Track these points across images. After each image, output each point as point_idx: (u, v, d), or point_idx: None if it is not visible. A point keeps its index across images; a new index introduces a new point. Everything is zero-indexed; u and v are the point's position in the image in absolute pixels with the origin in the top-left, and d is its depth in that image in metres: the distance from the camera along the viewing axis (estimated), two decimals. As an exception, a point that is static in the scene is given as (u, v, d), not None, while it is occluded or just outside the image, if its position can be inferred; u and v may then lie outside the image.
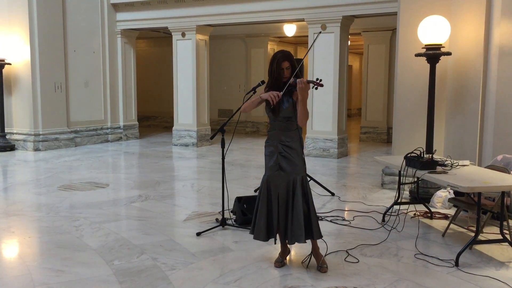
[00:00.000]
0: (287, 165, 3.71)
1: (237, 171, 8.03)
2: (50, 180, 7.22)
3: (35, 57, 9.88)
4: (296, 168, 3.72)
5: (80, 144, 10.91)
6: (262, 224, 3.79)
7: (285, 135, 3.73)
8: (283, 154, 3.72)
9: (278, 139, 3.74)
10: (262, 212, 3.79)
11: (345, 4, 8.87)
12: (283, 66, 3.64)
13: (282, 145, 3.72)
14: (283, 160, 3.72)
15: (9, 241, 4.52)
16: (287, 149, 3.72)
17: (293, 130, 3.74)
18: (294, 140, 3.74)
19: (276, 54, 3.70)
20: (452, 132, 6.18)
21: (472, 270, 3.79)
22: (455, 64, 6.03)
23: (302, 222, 3.65)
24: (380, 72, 11.98)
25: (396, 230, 4.78)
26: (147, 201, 5.99)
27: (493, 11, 5.49)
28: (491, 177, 4.14)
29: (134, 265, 3.86)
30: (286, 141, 3.72)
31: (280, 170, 3.73)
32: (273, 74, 3.68)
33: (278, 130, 3.74)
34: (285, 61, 3.64)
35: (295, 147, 3.73)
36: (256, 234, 3.84)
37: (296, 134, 3.76)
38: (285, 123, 3.72)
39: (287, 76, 3.67)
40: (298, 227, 3.67)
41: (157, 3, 10.95)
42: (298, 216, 3.66)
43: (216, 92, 13.95)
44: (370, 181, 7.26)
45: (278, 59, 3.65)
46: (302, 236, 3.67)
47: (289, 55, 3.70)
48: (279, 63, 3.64)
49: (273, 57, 3.69)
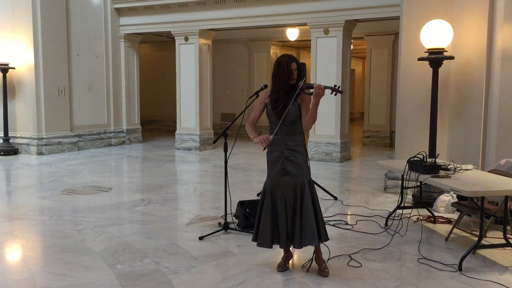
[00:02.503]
0: (294, 169, 3.69)
1: (239, 175, 8.03)
2: (53, 184, 7.24)
3: (38, 61, 9.93)
4: (303, 172, 3.72)
5: (83, 148, 10.93)
6: (267, 231, 3.75)
7: (290, 139, 3.72)
8: (289, 158, 3.70)
9: (283, 143, 3.72)
10: (267, 219, 3.75)
11: (347, 8, 8.89)
12: (292, 67, 3.68)
13: (288, 149, 3.71)
14: (290, 164, 3.70)
15: (12, 245, 4.53)
16: (293, 153, 3.71)
17: (298, 134, 3.74)
18: (300, 144, 3.74)
19: (282, 58, 3.72)
20: (455, 136, 6.16)
21: (475, 275, 3.77)
22: (458, 68, 6.02)
23: (314, 225, 3.65)
24: (383, 76, 11.98)
25: (399, 234, 4.77)
26: (150, 205, 6.00)
27: (496, 15, 5.49)
28: (494, 182, 4.13)
29: (137, 269, 3.86)
30: (292, 145, 3.71)
31: (285, 175, 3.71)
32: (284, 75, 3.67)
33: (283, 135, 3.72)
34: (293, 62, 3.70)
35: (301, 151, 3.73)
36: (260, 241, 3.79)
37: (302, 137, 3.77)
38: (290, 127, 3.71)
39: (295, 77, 3.69)
40: (310, 229, 3.65)
41: (160, 8, 10.99)
42: (309, 219, 3.65)
43: (218, 96, 13.96)
44: (373, 185, 7.25)
45: (287, 60, 3.69)
46: (315, 238, 3.66)
47: (295, 58, 3.76)
48: (288, 64, 3.67)
49: (280, 60, 3.70)
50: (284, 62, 3.67)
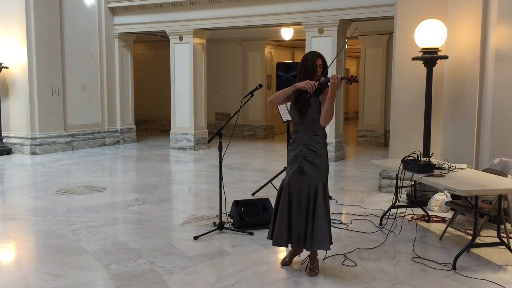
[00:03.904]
0: (310, 170, 3.66)
1: (234, 175, 8.02)
2: (47, 184, 7.20)
3: (32, 61, 9.87)
4: (320, 174, 3.67)
5: (77, 147, 10.89)
6: (284, 230, 3.74)
7: (310, 139, 3.68)
8: (307, 158, 3.67)
9: (303, 142, 3.70)
10: (283, 217, 3.73)
11: (342, 8, 8.90)
12: (317, 63, 3.70)
13: (308, 149, 3.68)
14: (307, 165, 3.67)
15: (6, 245, 4.49)
16: (312, 154, 3.66)
17: (320, 135, 3.69)
18: (320, 144, 3.69)
19: (308, 54, 3.79)
20: (449, 135, 6.19)
21: (469, 274, 3.79)
22: (452, 67, 6.05)
23: (326, 229, 3.62)
24: (377, 75, 12.01)
25: (393, 233, 4.79)
26: (145, 205, 5.98)
27: (490, 15, 5.51)
28: (488, 181, 4.15)
29: (131, 269, 3.85)
30: (312, 145, 3.67)
31: (302, 174, 3.69)
32: (307, 70, 3.69)
33: (303, 133, 3.70)
34: (318, 59, 3.73)
35: (321, 153, 3.68)
36: (276, 240, 3.79)
37: (323, 139, 3.72)
38: (311, 126, 3.68)
39: (319, 74, 3.70)
40: (322, 233, 3.62)
41: (155, 7, 10.96)
42: (322, 223, 3.62)
43: (213, 95, 13.94)
44: (368, 185, 7.27)
45: (312, 56, 3.73)
46: (327, 243, 3.63)
47: (321, 55, 3.79)
48: (313, 60, 3.71)
49: (306, 56, 3.76)
50: (309, 58, 3.72)
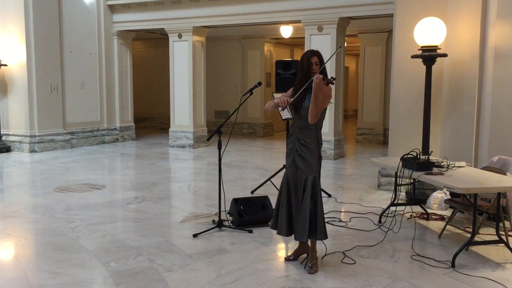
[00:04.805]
0: (301, 164, 3.79)
1: (233, 173, 8.02)
2: (46, 181, 7.20)
3: (31, 58, 9.85)
4: (310, 168, 3.78)
5: (76, 145, 10.88)
6: (284, 219, 3.89)
7: (302, 133, 3.81)
8: (299, 152, 3.81)
9: (296, 137, 3.83)
10: (283, 207, 3.90)
11: (341, 5, 8.89)
12: (312, 60, 3.78)
13: (299, 143, 3.81)
14: (298, 158, 3.81)
15: (5, 243, 4.49)
16: (303, 148, 3.79)
17: (311, 130, 3.80)
18: (311, 139, 3.80)
19: (306, 52, 3.89)
20: (448, 133, 6.19)
21: (468, 271, 3.80)
22: (451, 65, 6.05)
23: (307, 221, 3.72)
24: (376, 73, 12.00)
25: (392, 231, 4.79)
26: (144, 202, 5.98)
27: (489, 13, 5.51)
28: (487, 178, 4.15)
29: (131, 266, 3.85)
30: (303, 139, 3.79)
31: (296, 167, 3.82)
32: (303, 68, 3.79)
33: (297, 128, 3.84)
34: (314, 56, 3.80)
35: (311, 147, 3.79)
36: (279, 229, 3.95)
37: (314, 133, 3.81)
38: (304, 121, 3.79)
39: (315, 71, 3.76)
40: (303, 225, 3.74)
41: (154, 4, 10.94)
42: (305, 215, 3.73)
43: (212, 93, 13.93)
44: (367, 183, 7.27)
45: (307, 54, 3.82)
46: (304, 234, 3.73)
47: (318, 52, 3.86)
48: (308, 57, 3.79)
49: (303, 54, 3.87)
50: (305, 56, 3.81)
